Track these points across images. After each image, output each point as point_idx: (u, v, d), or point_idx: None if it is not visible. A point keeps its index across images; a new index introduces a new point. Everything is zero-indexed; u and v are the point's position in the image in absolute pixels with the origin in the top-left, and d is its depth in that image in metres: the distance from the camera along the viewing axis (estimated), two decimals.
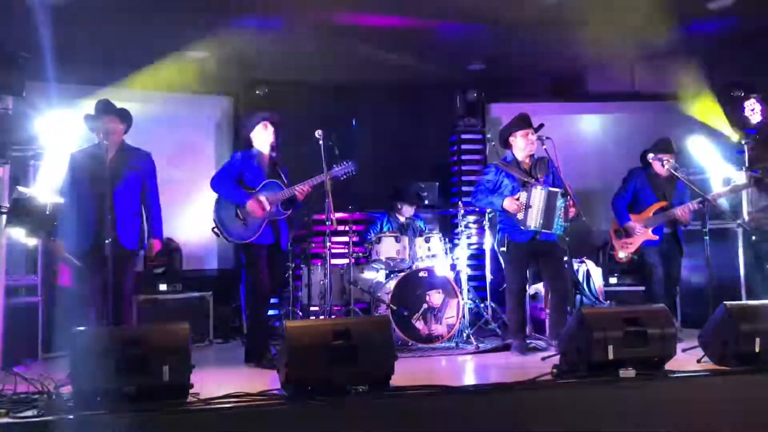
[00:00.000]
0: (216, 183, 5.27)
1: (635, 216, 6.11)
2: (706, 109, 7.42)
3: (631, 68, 8.29)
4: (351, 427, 3.57)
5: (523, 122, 5.57)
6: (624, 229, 6.15)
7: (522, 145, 5.54)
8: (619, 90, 8.42)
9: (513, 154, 5.64)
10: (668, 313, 4.33)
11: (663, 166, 5.89)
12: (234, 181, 5.25)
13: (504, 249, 5.61)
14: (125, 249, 4.82)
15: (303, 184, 5.26)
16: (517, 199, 5.41)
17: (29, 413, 3.38)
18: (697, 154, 6.86)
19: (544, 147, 5.31)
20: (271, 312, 6.35)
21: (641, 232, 6.05)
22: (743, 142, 6.82)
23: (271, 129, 5.34)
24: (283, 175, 5.40)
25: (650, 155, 6.00)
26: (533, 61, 7.73)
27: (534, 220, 5.35)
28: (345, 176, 5.44)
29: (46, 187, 4.88)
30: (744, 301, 5.97)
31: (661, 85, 7.77)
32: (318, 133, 5.28)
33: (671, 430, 3.89)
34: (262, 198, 5.21)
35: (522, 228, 5.41)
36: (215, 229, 5.27)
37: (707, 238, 5.49)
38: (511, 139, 5.62)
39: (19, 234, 3.87)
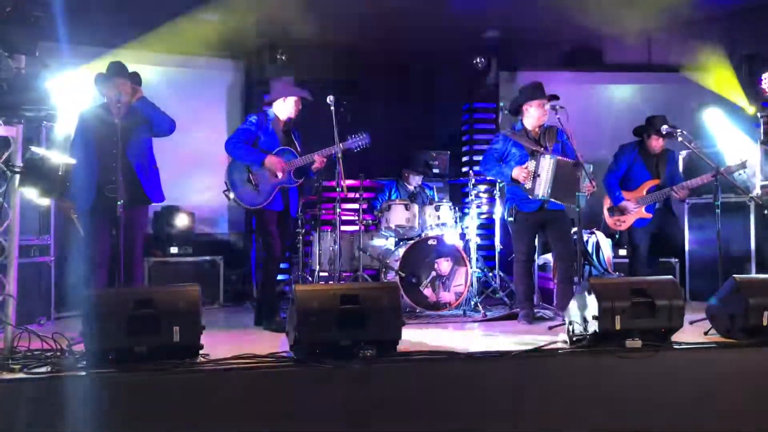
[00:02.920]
0: (231, 145, 5.25)
1: (628, 193, 6.05)
2: (722, 80, 7.33)
3: (648, 39, 8.18)
4: (358, 390, 3.62)
5: (537, 92, 5.50)
6: (617, 208, 6.11)
7: (536, 115, 5.49)
8: (634, 61, 8.32)
9: (522, 123, 5.59)
10: (677, 284, 4.33)
11: (677, 138, 5.82)
12: (249, 143, 5.24)
13: (512, 219, 5.61)
14: (149, 202, 4.91)
15: (318, 154, 5.26)
16: (526, 168, 5.39)
17: (42, 370, 3.44)
18: (711, 127, 6.79)
19: (558, 116, 5.26)
20: (280, 277, 6.39)
21: (634, 210, 6.01)
22: (759, 114, 6.74)
23: (299, 107, 5.33)
24: (297, 142, 5.40)
25: (664, 127, 5.92)
26: (549, 31, 7.62)
27: (542, 189, 5.32)
28: (358, 148, 5.46)
29: (59, 148, 4.90)
30: (754, 275, 5.97)
31: (678, 56, 7.67)
32: (330, 99, 5.25)
33: (677, 401, 3.92)
34: (275, 160, 5.22)
35: (530, 197, 5.40)
36: (226, 192, 5.28)
37: (719, 211, 5.46)
38: (525, 108, 5.56)
39: (31, 194, 3.89)
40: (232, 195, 5.25)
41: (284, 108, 5.33)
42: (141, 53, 6.78)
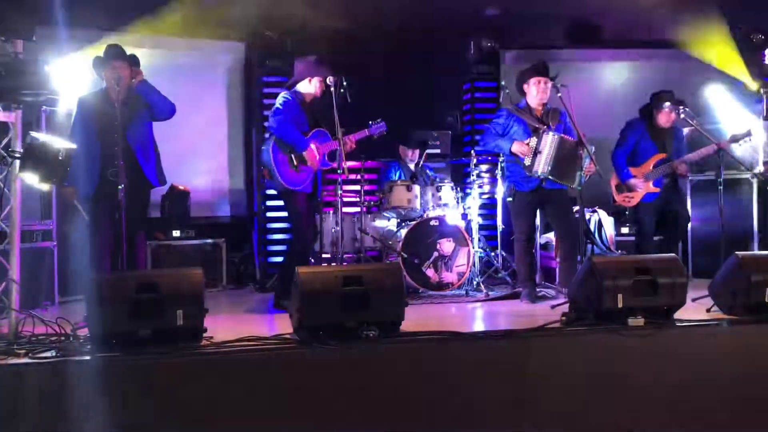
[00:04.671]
0: (280, 125, 5.18)
1: (635, 169, 6.03)
2: (724, 56, 7.28)
3: (649, 14, 8.11)
4: (361, 371, 3.64)
5: (537, 69, 5.48)
6: (626, 185, 6.09)
7: (534, 93, 5.48)
8: (636, 37, 8.25)
9: (526, 101, 5.58)
10: (679, 262, 4.33)
11: (679, 115, 5.80)
12: (293, 124, 5.23)
13: (511, 199, 5.60)
14: (151, 186, 4.90)
15: (349, 137, 5.29)
16: (527, 144, 5.37)
17: (47, 354, 3.46)
18: (713, 103, 6.76)
19: (559, 95, 5.24)
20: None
21: (643, 186, 5.99)
22: (762, 91, 6.70)
23: (324, 87, 5.30)
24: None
25: (666, 104, 5.90)
26: (549, 8, 7.56)
27: (542, 166, 5.29)
28: (379, 135, 5.48)
29: (60, 132, 4.89)
30: (756, 252, 5.96)
31: (679, 31, 7.60)
32: (330, 80, 5.22)
33: (679, 379, 3.94)
34: (314, 146, 5.23)
35: (528, 174, 5.38)
36: (263, 170, 5.27)
37: (721, 188, 5.44)
38: (525, 86, 5.55)
39: (32, 180, 3.88)
40: (272, 174, 5.20)
41: (309, 88, 5.33)
42: (140, 36, 6.73)
